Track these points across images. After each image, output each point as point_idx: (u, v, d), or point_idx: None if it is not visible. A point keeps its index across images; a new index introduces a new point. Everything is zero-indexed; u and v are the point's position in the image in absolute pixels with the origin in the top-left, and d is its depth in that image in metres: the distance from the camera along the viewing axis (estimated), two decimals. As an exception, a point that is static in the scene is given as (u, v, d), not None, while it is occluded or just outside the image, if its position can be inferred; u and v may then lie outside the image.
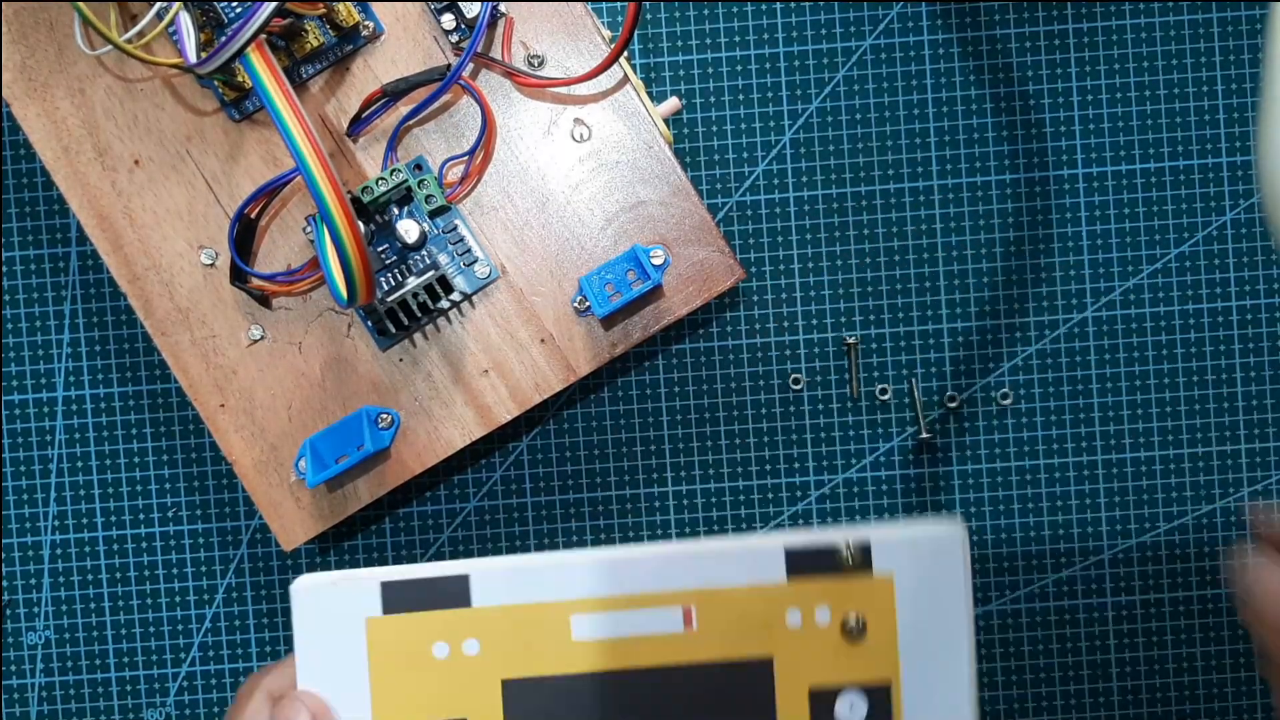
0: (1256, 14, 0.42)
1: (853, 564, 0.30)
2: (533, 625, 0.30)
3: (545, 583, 0.30)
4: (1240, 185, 0.42)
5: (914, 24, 0.42)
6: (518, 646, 0.30)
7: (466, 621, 0.30)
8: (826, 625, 0.31)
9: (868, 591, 0.30)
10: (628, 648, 0.30)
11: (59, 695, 0.43)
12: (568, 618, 0.30)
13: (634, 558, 0.31)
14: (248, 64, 0.31)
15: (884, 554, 0.30)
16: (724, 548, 0.31)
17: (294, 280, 0.38)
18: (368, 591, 0.30)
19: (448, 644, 0.30)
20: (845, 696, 0.31)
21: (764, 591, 0.30)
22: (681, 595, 0.30)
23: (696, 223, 0.38)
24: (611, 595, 0.30)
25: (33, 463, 0.42)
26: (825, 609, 0.31)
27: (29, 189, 0.42)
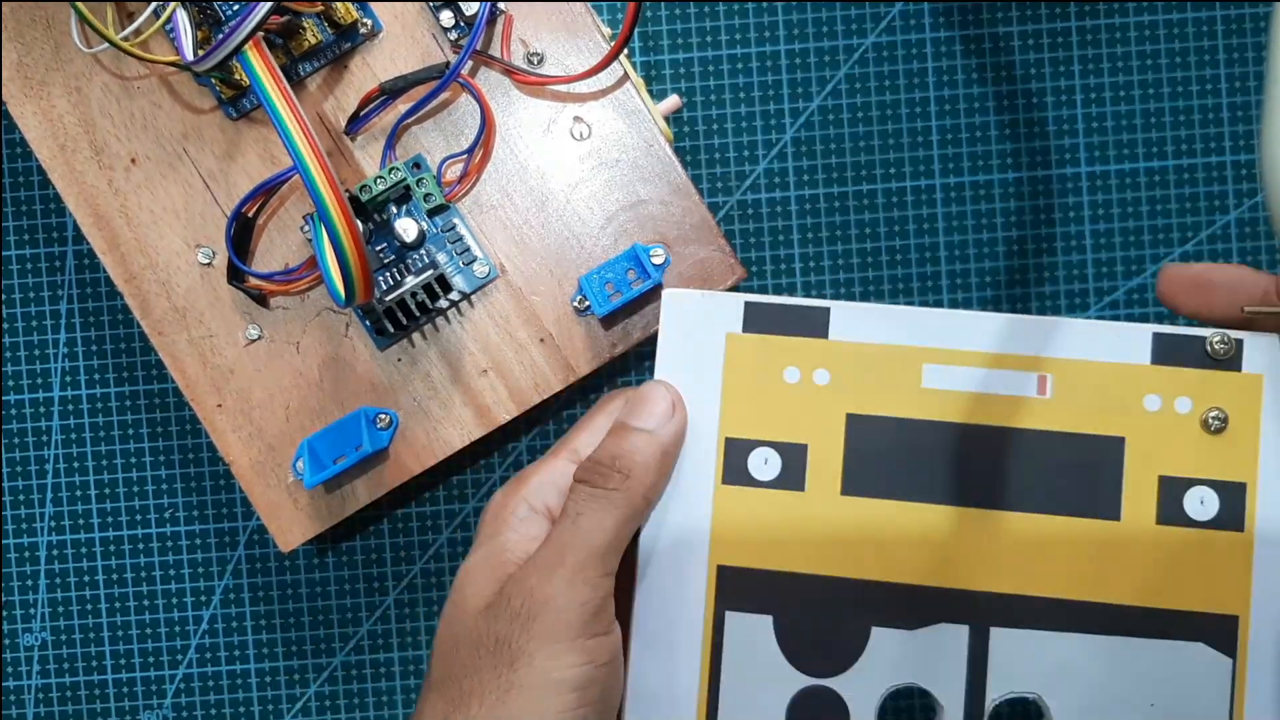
0: (1260, 12, 0.41)
1: (1223, 357, 0.30)
2: (885, 366, 0.31)
3: (904, 327, 0.31)
4: (1244, 184, 0.42)
5: (916, 22, 0.41)
6: (867, 384, 0.31)
7: (821, 351, 0.31)
8: (1186, 414, 0.30)
9: (1234, 388, 0.30)
10: (976, 404, 0.30)
11: (55, 697, 0.42)
12: (920, 364, 0.30)
13: (996, 316, 0.30)
14: (245, 62, 0.31)
15: (1256, 353, 0.30)
16: (1091, 323, 0.30)
17: (291, 279, 0.38)
18: (732, 308, 0.31)
19: (799, 370, 0.31)
20: (1196, 490, 0.30)
21: (1125, 371, 0.30)
22: (1039, 361, 0.30)
23: (697, 221, 0.38)
24: (968, 349, 0.30)
25: (29, 463, 0.42)
26: (1187, 400, 0.30)
27: (25, 187, 0.42)
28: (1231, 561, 0.30)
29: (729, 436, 0.31)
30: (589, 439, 0.33)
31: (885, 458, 0.31)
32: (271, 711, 0.42)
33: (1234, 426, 0.30)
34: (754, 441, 0.31)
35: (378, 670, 0.42)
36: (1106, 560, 0.30)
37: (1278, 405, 0.30)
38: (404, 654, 0.42)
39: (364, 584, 0.42)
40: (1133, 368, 0.30)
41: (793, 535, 0.31)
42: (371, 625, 0.42)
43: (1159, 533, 0.30)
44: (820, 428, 0.31)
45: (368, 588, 0.42)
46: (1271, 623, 0.30)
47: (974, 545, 0.30)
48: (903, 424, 0.31)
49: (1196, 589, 0.30)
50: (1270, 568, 0.30)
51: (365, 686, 0.42)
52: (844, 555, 0.31)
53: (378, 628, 0.42)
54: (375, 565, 0.42)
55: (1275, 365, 0.30)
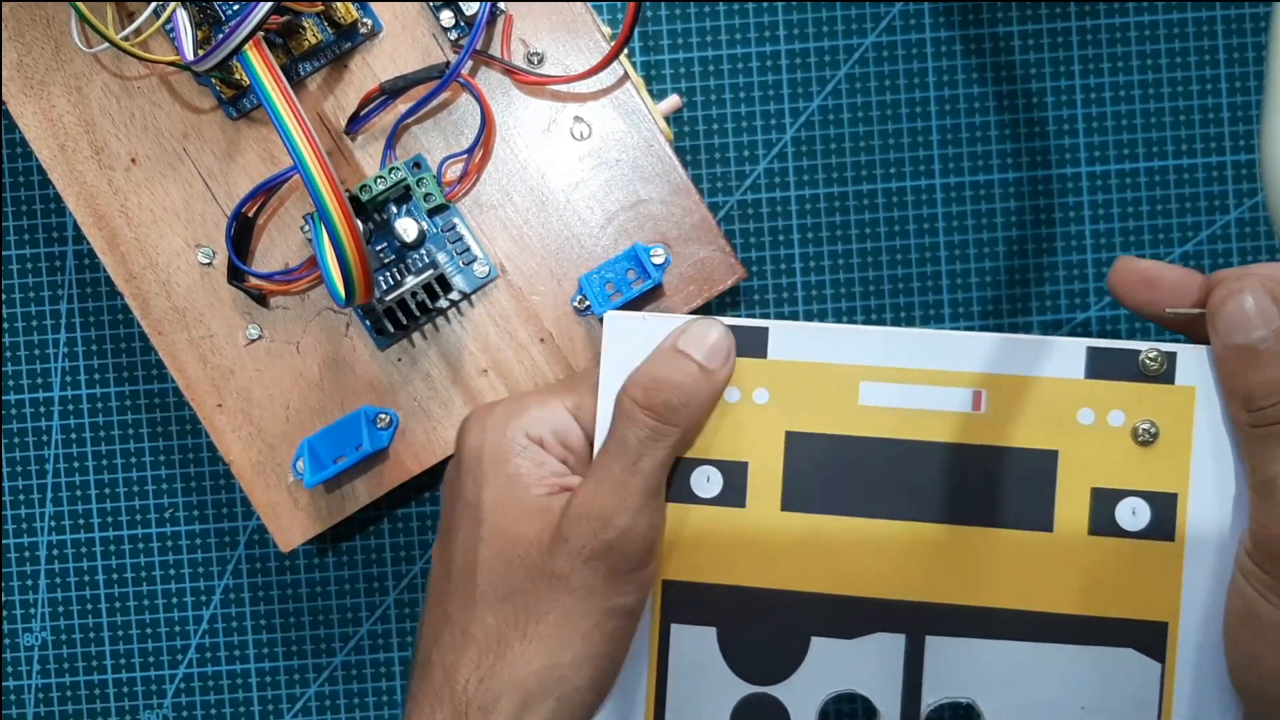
0: (1260, 12, 0.41)
1: (1155, 372, 0.30)
2: (823, 384, 0.31)
3: (841, 346, 0.31)
4: (1244, 184, 0.42)
5: (916, 21, 0.41)
6: (805, 402, 0.31)
7: (760, 371, 0.31)
8: (1118, 427, 0.30)
9: (1167, 400, 0.30)
10: (913, 419, 0.31)
11: (55, 697, 0.42)
12: (858, 382, 0.31)
13: (932, 335, 0.31)
14: (245, 62, 0.31)
15: (1189, 366, 0.30)
16: (1025, 339, 0.31)
17: (292, 279, 0.38)
18: (674, 328, 0.32)
19: (739, 389, 0.31)
20: (1128, 501, 0.30)
21: (1059, 386, 0.30)
22: (974, 378, 0.31)
23: (697, 221, 0.38)
24: (904, 367, 0.31)
25: (29, 463, 0.42)
26: (1120, 413, 0.30)
27: (25, 187, 0.42)
28: (1162, 570, 0.31)
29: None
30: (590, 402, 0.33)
31: (824, 474, 0.31)
32: (271, 711, 0.42)
33: (1165, 438, 0.30)
34: (696, 460, 0.31)
35: (378, 670, 0.42)
36: (1039, 570, 0.31)
37: (1209, 416, 0.30)
38: (404, 654, 0.42)
39: (364, 584, 0.42)
40: (1067, 382, 0.30)
41: (735, 550, 0.31)
42: (371, 625, 0.42)
43: (1091, 543, 0.31)
44: (760, 446, 0.31)
45: (368, 587, 0.42)
46: (1199, 628, 0.31)
47: (910, 558, 0.31)
48: (840, 441, 0.31)
49: (1127, 597, 0.31)
50: (1199, 575, 0.30)
51: (365, 686, 0.42)
52: (784, 568, 0.31)
53: (378, 628, 0.42)
54: (375, 565, 0.42)
55: (1207, 377, 0.30)
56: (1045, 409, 0.30)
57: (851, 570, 0.31)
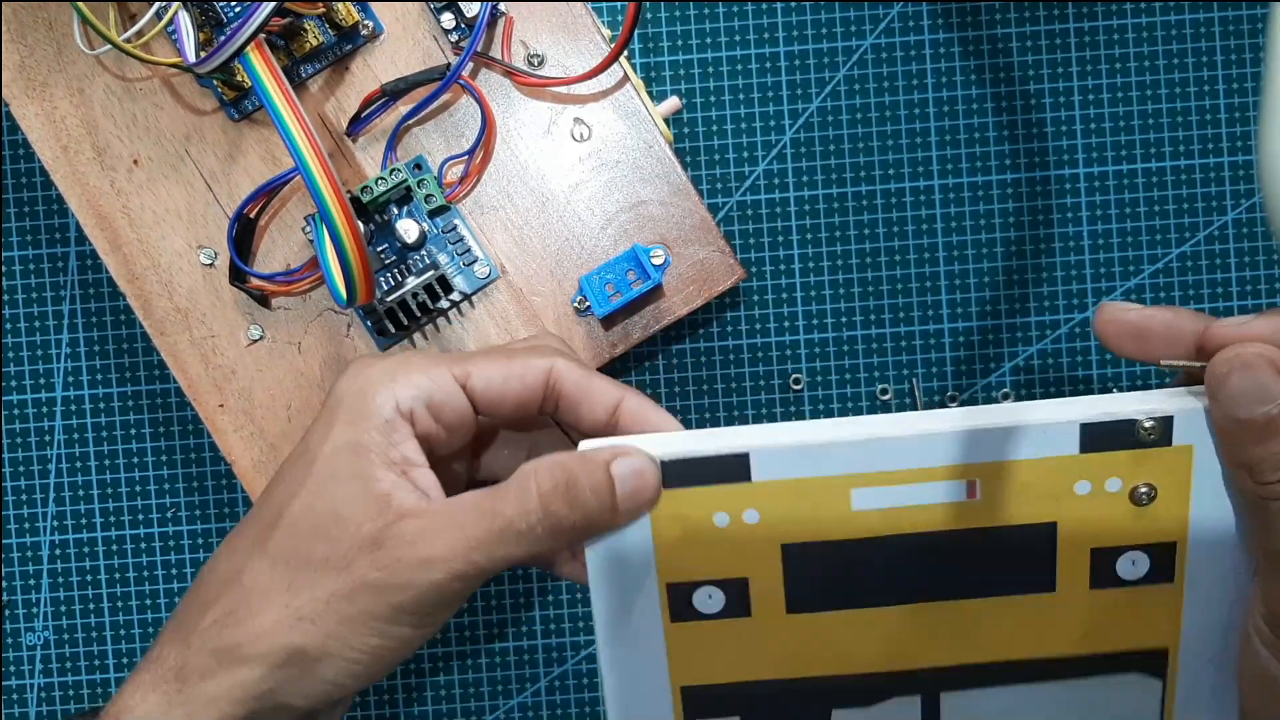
0: (1258, 13, 0.42)
1: (1152, 439, 0.30)
2: (812, 497, 0.30)
3: (827, 459, 0.30)
4: (1242, 185, 0.42)
5: (915, 23, 0.42)
6: (797, 516, 0.30)
7: (746, 494, 0.30)
8: (1116, 493, 0.30)
9: (1164, 463, 0.30)
10: (908, 515, 0.30)
11: (58, 696, 0.42)
12: (848, 490, 0.30)
13: (918, 434, 0.30)
14: (247, 63, 0.31)
15: (1185, 426, 0.30)
16: (1014, 421, 0.30)
17: (293, 280, 0.38)
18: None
19: (728, 514, 0.30)
20: (1128, 555, 0.31)
21: (1054, 464, 0.30)
22: (966, 469, 0.30)
23: (697, 222, 0.38)
24: (893, 470, 0.30)
25: (31, 463, 0.42)
26: (1117, 480, 0.30)
27: (28, 189, 0.42)
28: (1162, 606, 0.31)
29: (669, 582, 0.31)
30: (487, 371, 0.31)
31: (825, 576, 0.31)
32: (273, 710, 0.42)
33: (1164, 495, 0.30)
34: (695, 583, 0.31)
35: (379, 669, 0.42)
36: (1043, 624, 0.31)
37: (1206, 469, 0.30)
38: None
39: (365, 583, 0.42)
40: (1061, 460, 0.30)
41: (747, 652, 0.32)
42: (372, 624, 0.42)
43: (1093, 595, 0.31)
44: (757, 561, 0.31)
45: (369, 587, 0.42)
46: (1198, 648, 0.31)
47: (919, 632, 0.32)
48: (838, 545, 0.31)
49: (1129, 632, 0.31)
50: (1198, 605, 0.31)
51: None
52: (797, 661, 0.32)
53: (379, 627, 0.42)
54: (376, 564, 0.42)
55: (1204, 433, 0.30)
56: (1042, 488, 0.30)
57: (863, 652, 0.32)
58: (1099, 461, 0.30)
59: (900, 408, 0.42)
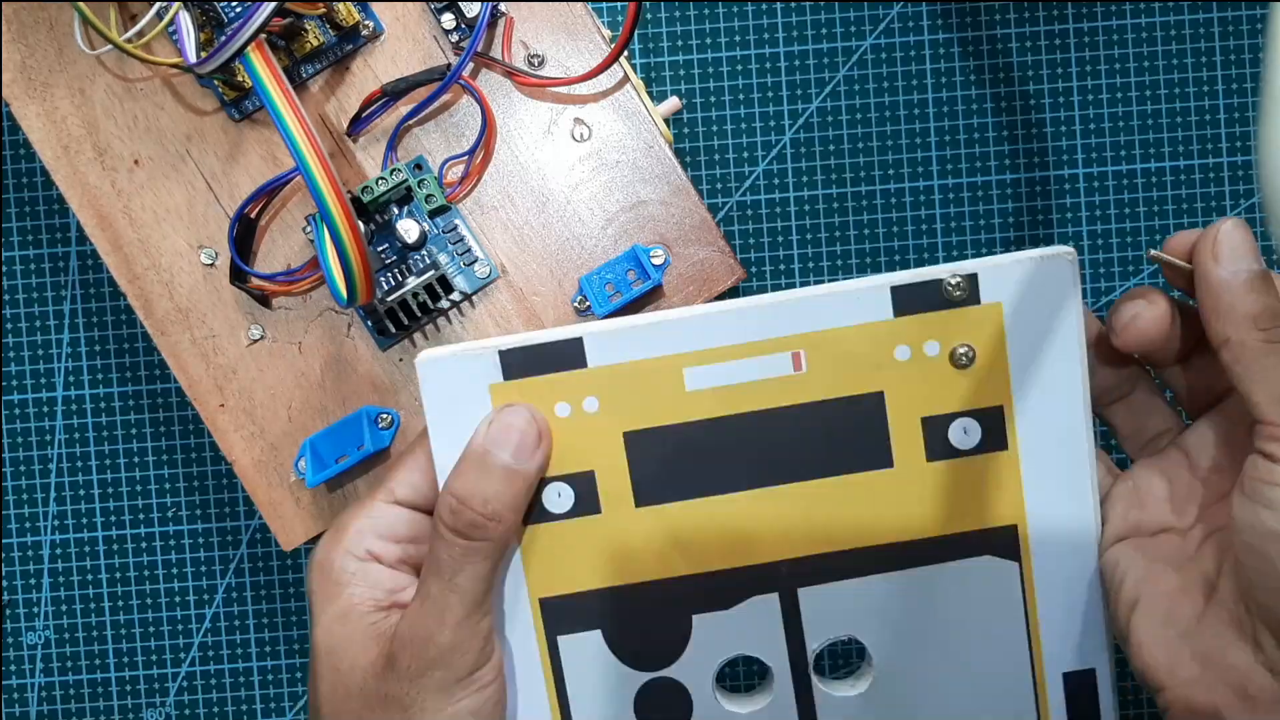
0: (1257, 14, 0.42)
1: (960, 297, 0.31)
2: (647, 380, 0.31)
3: (656, 339, 0.31)
4: (1241, 185, 0.42)
5: (914, 24, 0.42)
6: (635, 401, 0.31)
7: (584, 381, 0.31)
8: (935, 356, 0.31)
9: (976, 321, 0.31)
10: (740, 393, 0.31)
11: (58, 695, 0.43)
12: (681, 370, 0.31)
13: (739, 308, 0.31)
14: (247, 64, 0.31)
15: (991, 283, 0.31)
16: (828, 290, 0.31)
17: (294, 280, 0.38)
18: (487, 360, 0.32)
19: (569, 404, 0.31)
20: (959, 423, 0.31)
21: (871, 330, 0.31)
22: (789, 341, 0.31)
23: (697, 222, 0.38)
24: (720, 346, 0.31)
25: (32, 462, 0.42)
26: (934, 343, 0.31)
27: (29, 189, 0.42)
28: (1002, 478, 0.32)
29: None
30: (405, 478, 0.33)
31: (668, 464, 0.32)
32: (274, 709, 0.43)
33: (982, 356, 0.31)
34: (544, 479, 0.32)
35: (379, 668, 0.43)
36: (888, 505, 0.32)
37: (1020, 326, 0.31)
38: (405, 652, 0.42)
39: (365, 583, 0.42)
40: (878, 325, 0.31)
41: (601, 555, 0.32)
42: (373, 624, 0.42)
43: (931, 469, 0.32)
44: (601, 452, 0.32)
45: (369, 586, 0.42)
46: (1046, 523, 0.32)
47: (766, 521, 0.32)
48: (676, 429, 0.32)
49: (975, 510, 0.32)
50: (1038, 475, 0.32)
51: (367, 684, 0.42)
52: (651, 561, 0.32)
53: (379, 626, 0.42)
54: (376, 564, 0.42)
55: (1012, 290, 0.31)
56: (863, 355, 0.31)
57: (715, 546, 0.32)
58: (914, 324, 0.31)
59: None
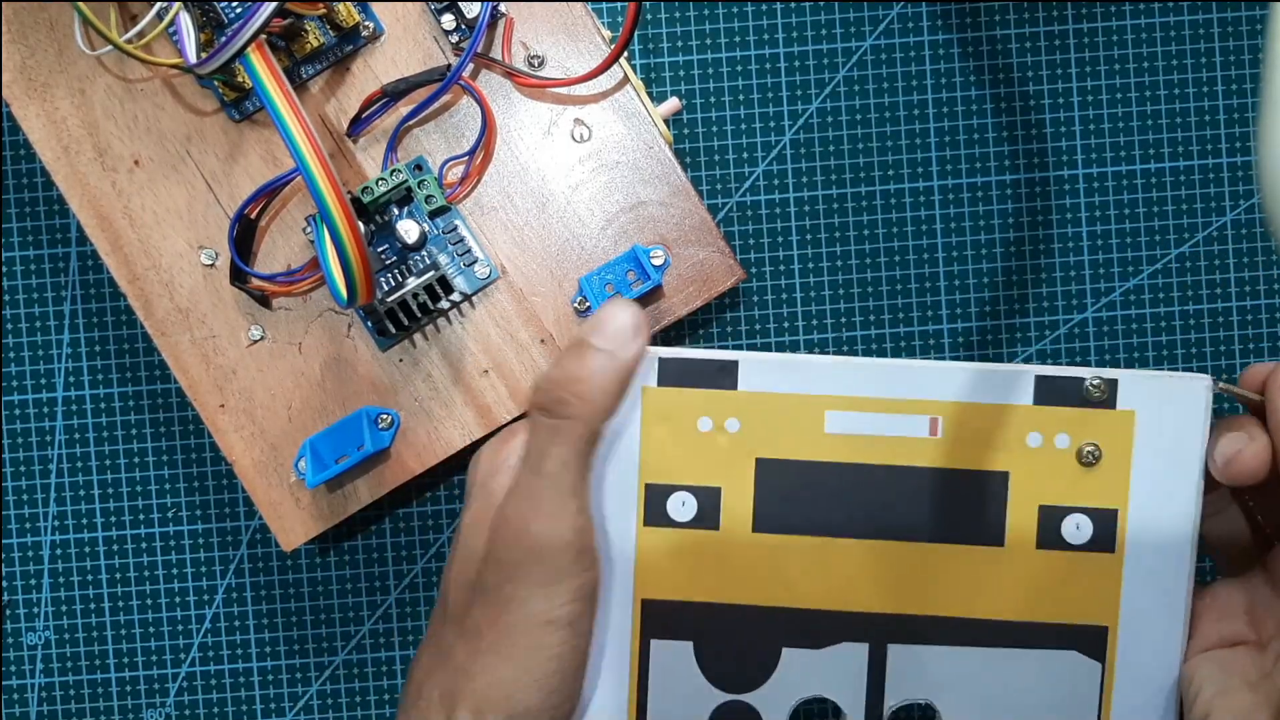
0: (1257, 14, 0.42)
1: (1098, 397, 0.32)
2: (790, 413, 0.33)
3: (807, 377, 0.33)
4: (1241, 186, 0.42)
5: (914, 24, 0.42)
6: (774, 431, 0.33)
7: (731, 402, 0.33)
8: (1064, 449, 0.32)
9: (1108, 424, 0.32)
10: (874, 445, 0.33)
11: (58, 696, 0.43)
12: (823, 411, 0.33)
13: (891, 366, 0.33)
14: (248, 64, 0.31)
15: (1130, 391, 0.32)
16: (978, 367, 0.33)
17: (294, 280, 0.38)
18: (646, 363, 0.33)
19: (711, 419, 0.33)
20: (1073, 517, 0.33)
21: (1009, 411, 0.32)
22: (931, 405, 0.33)
23: (697, 223, 0.38)
24: (865, 396, 0.33)
25: (32, 463, 0.42)
26: (1065, 435, 0.32)
27: (29, 189, 0.42)
28: (1103, 578, 0.33)
29: (648, 482, 0.33)
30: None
31: (792, 497, 0.33)
32: (274, 710, 0.43)
33: (1107, 458, 0.32)
34: (672, 486, 0.33)
35: (379, 669, 0.43)
36: (990, 581, 0.33)
37: (1148, 437, 0.32)
38: (405, 653, 0.42)
39: (366, 583, 0.42)
40: (1017, 408, 0.32)
41: (709, 570, 0.33)
42: (373, 624, 0.42)
43: (1038, 556, 0.33)
44: (732, 472, 0.33)
45: (369, 587, 0.42)
46: (1136, 630, 0.33)
47: (872, 573, 0.33)
48: (807, 466, 0.33)
49: (1071, 603, 0.33)
50: (1138, 582, 0.33)
51: (367, 685, 0.43)
52: (756, 585, 0.33)
53: (379, 626, 0.42)
54: (377, 564, 0.42)
55: (1146, 401, 0.32)
56: (997, 433, 0.32)
57: (819, 585, 0.33)
58: (1049, 414, 0.32)
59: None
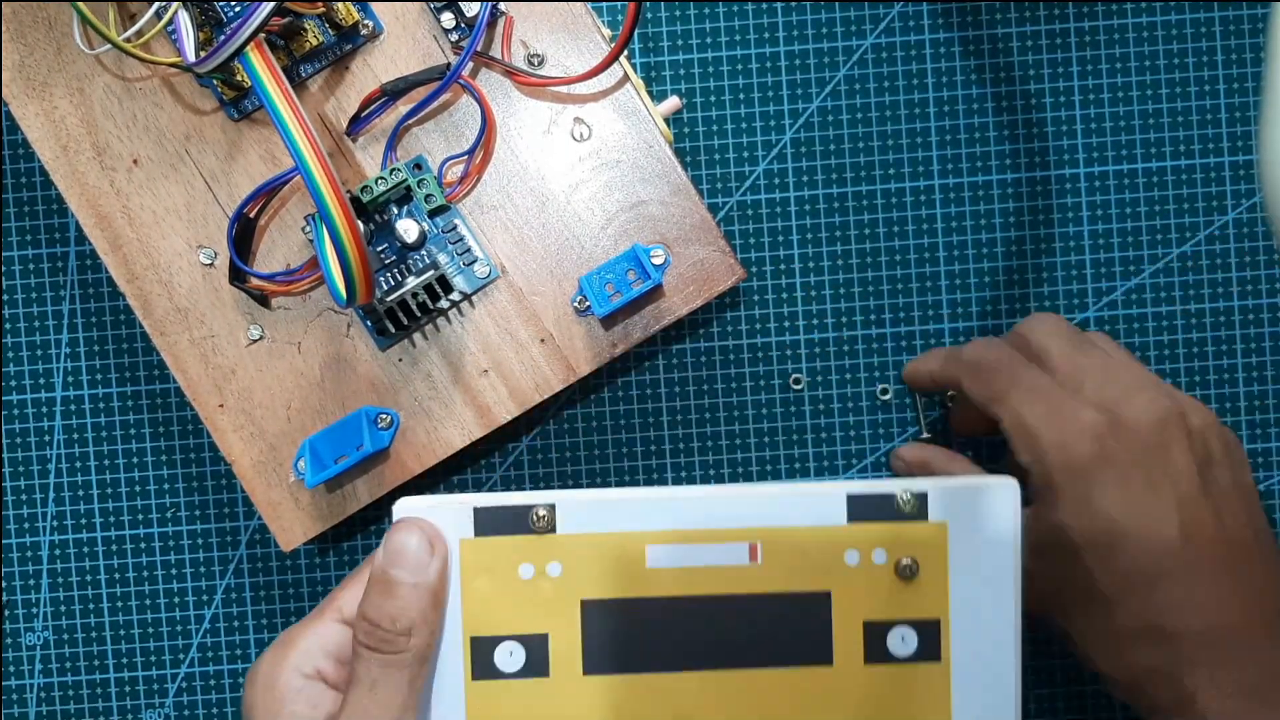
0: (1258, 13, 0.42)
1: (910, 511, 0.33)
2: (611, 552, 0.33)
3: (625, 515, 0.33)
4: (1242, 185, 0.42)
5: (915, 23, 0.42)
6: (596, 571, 0.33)
7: (550, 546, 0.33)
8: (882, 565, 0.33)
9: (922, 536, 0.33)
10: (697, 576, 0.33)
11: (57, 696, 0.42)
12: (644, 547, 0.33)
13: (706, 496, 0.33)
14: (246, 63, 0.31)
15: (939, 502, 0.33)
16: (790, 491, 0.33)
17: (293, 280, 0.38)
18: (462, 515, 0.33)
19: (533, 565, 0.33)
20: (897, 630, 0.33)
21: (825, 533, 0.33)
22: (749, 532, 0.33)
23: (697, 222, 0.38)
24: (684, 529, 0.33)
25: (31, 463, 0.42)
26: (882, 551, 0.33)
27: (27, 188, 0.42)
28: (932, 687, 0.33)
29: (474, 635, 0.33)
30: (353, 596, 0.33)
31: (619, 636, 0.33)
32: (273, 710, 0.42)
33: (925, 570, 0.33)
34: (498, 637, 0.33)
35: (379, 669, 0.42)
36: (823, 701, 0.33)
37: (962, 547, 0.33)
38: (405, 653, 0.42)
39: (365, 583, 0.42)
40: (832, 529, 0.33)
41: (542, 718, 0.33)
42: (372, 624, 0.42)
43: (867, 671, 0.33)
44: (557, 617, 0.33)
45: (369, 587, 0.42)
46: None
47: (707, 703, 0.33)
48: (632, 603, 0.33)
49: (904, 715, 0.34)
50: (965, 688, 0.33)
51: (366, 685, 0.42)
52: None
53: (379, 627, 0.42)
54: (376, 564, 0.42)
55: (958, 512, 0.33)
56: (815, 555, 0.33)
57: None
58: (864, 532, 0.33)
59: (900, 408, 0.42)
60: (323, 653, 0.33)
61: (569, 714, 0.33)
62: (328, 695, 0.32)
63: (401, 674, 0.31)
